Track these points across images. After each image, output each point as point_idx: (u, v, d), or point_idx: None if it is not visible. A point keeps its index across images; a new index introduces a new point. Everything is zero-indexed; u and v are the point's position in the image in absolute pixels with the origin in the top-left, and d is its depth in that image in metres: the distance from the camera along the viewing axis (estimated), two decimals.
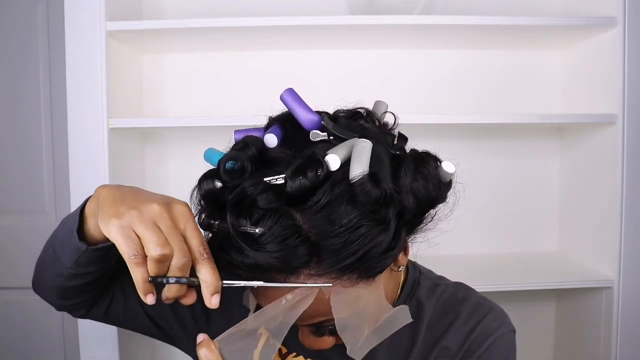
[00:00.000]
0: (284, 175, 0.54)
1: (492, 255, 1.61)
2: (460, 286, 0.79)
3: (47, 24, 1.58)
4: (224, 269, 0.56)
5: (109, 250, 0.63)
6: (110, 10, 1.29)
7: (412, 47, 1.57)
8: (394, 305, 0.74)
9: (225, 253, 0.55)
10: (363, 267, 0.56)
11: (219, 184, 0.57)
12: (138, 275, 0.53)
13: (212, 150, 0.60)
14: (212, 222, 0.57)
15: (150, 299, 0.54)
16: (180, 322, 0.80)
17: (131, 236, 0.53)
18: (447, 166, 0.62)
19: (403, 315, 0.64)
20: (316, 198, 0.54)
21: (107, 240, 0.58)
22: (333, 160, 0.55)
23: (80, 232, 0.63)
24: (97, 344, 1.31)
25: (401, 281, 0.77)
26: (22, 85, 1.60)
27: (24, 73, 1.60)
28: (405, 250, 0.66)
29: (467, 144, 1.60)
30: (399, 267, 0.66)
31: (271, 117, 0.65)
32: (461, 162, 0.68)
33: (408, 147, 0.66)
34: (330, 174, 0.55)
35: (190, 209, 0.57)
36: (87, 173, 1.29)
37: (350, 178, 0.54)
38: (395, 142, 0.65)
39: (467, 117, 1.38)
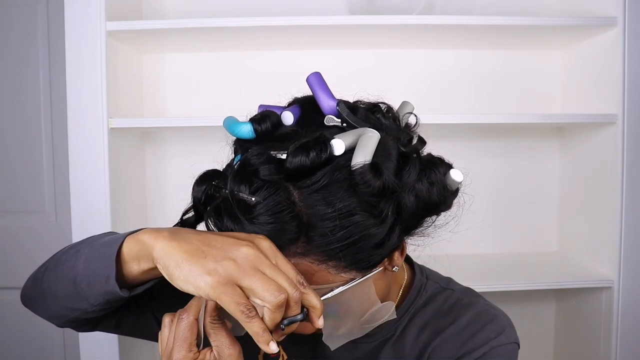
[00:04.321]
0: (287, 151, 0.55)
1: (492, 255, 1.61)
2: (468, 292, 0.76)
3: (47, 24, 1.58)
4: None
5: None
6: (110, 10, 1.29)
7: (412, 47, 1.57)
8: (396, 309, 0.74)
9: (218, 218, 0.56)
10: (351, 256, 0.57)
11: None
12: (257, 328, 0.50)
13: (232, 119, 0.62)
14: (214, 183, 0.58)
15: (274, 347, 0.51)
16: None
17: (237, 291, 0.50)
18: (455, 174, 0.62)
19: (387, 311, 0.64)
20: (315, 178, 0.55)
21: (146, 281, 0.58)
22: (338, 145, 0.56)
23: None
24: (97, 343, 1.31)
25: (403, 284, 0.76)
26: (22, 85, 1.60)
27: (24, 73, 1.60)
28: (402, 250, 0.65)
29: (467, 144, 1.60)
30: (394, 267, 0.65)
31: (296, 97, 0.66)
32: (461, 162, 0.69)
33: (426, 150, 0.66)
34: (333, 157, 0.56)
35: (272, 242, 0.54)
36: (87, 173, 1.29)
37: (351, 165, 0.55)
38: (413, 142, 0.65)
39: (467, 117, 1.38)
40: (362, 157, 0.55)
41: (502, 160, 1.62)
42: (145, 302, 0.73)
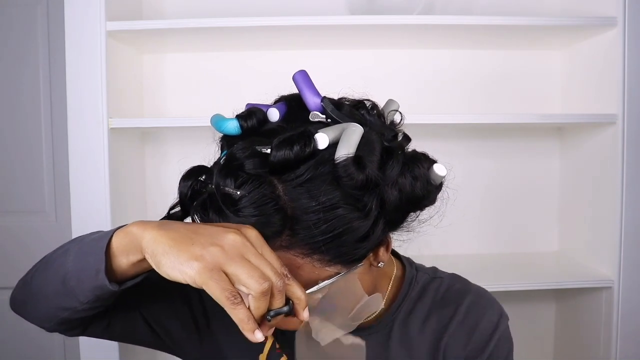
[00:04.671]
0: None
1: (492, 255, 1.61)
2: (456, 278, 0.80)
3: (47, 24, 1.58)
4: None
5: None
6: (110, 10, 1.29)
7: (412, 47, 1.57)
8: (391, 304, 0.75)
9: (204, 212, 0.56)
10: (335, 249, 0.57)
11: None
12: (242, 314, 0.50)
13: (219, 116, 0.63)
14: (200, 179, 0.59)
15: (259, 335, 0.51)
16: (179, 323, 0.78)
17: (223, 277, 0.50)
18: (438, 169, 0.62)
19: (375, 302, 0.66)
20: (299, 172, 0.56)
21: (136, 275, 0.58)
22: (322, 139, 0.56)
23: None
24: (98, 343, 1.31)
25: (393, 277, 0.77)
26: (22, 85, 1.60)
27: (24, 73, 1.60)
28: (386, 246, 0.66)
29: (467, 144, 1.60)
30: (379, 262, 0.66)
31: (283, 95, 0.67)
32: (461, 162, 0.69)
33: (412, 148, 0.66)
34: (317, 151, 0.56)
35: (259, 232, 0.54)
36: (87, 173, 1.29)
37: (335, 158, 0.56)
38: (398, 139, 0.66)
39: (467, 117, 1.38)
40: (346, 150, 0.56)
41: (502, 160, 1.62)
42: (133, 303, 0.73)
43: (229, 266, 0.51)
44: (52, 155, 1.62)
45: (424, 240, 0.67)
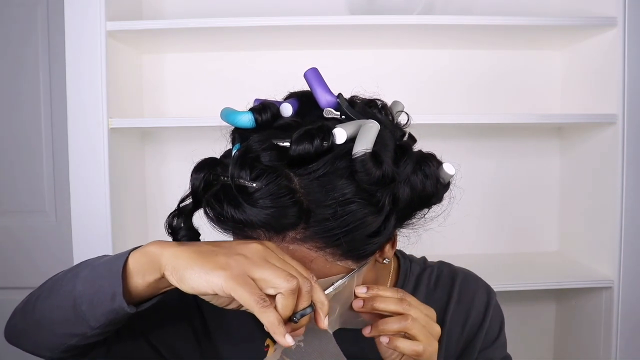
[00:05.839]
0: (290, 140, 0.56)
1: (492, 255, 1.61)
2: (443, 264, 0.83)
3: (47, 24, 1.58)
4: (212, 221, 0.58)
5: None
6: (110, 10, 1.29)
7: (412, 47, 1.57)
8: None
9: (218, 203, 0.56)
10: (348, 244, 0.57)
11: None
12: (272, 317, 0.51)
13: (230, 109, 0.63)
14: (213, 172, 0.59)
15: (290, 339, 0.51)
16: (182, 340, 0.77)
17: (250, 282, 0.51)
18: (447, 167, 0.63)
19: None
20: (316, 166, 0.56)
21: (149, 298, 0.58)
22: (340, 134, 0.56)
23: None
24: None
25: (392, 270, 0.79)
26: (22, 85, 1.60)
27: (24, 73, 1.60)
28: (393, 243, 0.67)
29: (467, 144, 1.60)
30: (385, 259, 0.67)
31: (293, 92, 0.67)
32: (461, 162, 0.69)
33: (415, 148, 0.67)
34: (334, 146, 0.56)
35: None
36: (87, 173, 1.29)
37: (352, 153, 0.56)
38: (405, 139, 0.67)
39: (468, 117, 1.38)
40: (363, 145, 0.56)
41: (502, 160, 1.62)
42: (134, 324, 0.70)
43: (255, 271, 0.52)
44: (52, 155, 1.62)
45: (425, 240, 0.67)
